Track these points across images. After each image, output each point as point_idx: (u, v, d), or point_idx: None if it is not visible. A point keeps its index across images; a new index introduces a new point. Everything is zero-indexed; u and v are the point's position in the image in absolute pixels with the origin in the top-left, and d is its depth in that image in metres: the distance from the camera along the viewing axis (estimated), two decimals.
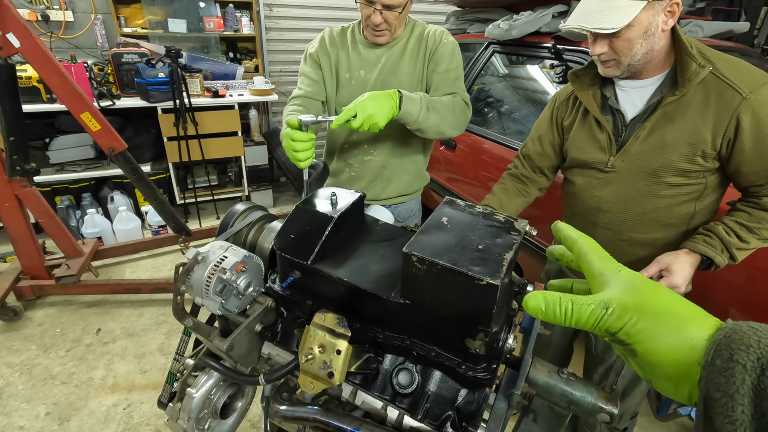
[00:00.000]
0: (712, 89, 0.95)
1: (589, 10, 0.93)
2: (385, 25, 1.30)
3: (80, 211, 3.38)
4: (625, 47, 0.93)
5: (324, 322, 0.64)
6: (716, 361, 0.28)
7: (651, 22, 0.90)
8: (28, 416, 1.90)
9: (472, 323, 0.58)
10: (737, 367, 0.27)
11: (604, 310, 0.34)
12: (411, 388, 0.65)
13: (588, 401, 0.61)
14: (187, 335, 0.91)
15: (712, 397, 0.28)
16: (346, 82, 1.42)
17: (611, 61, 0.98)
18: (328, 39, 1.42)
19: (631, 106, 1.08)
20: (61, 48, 3.48)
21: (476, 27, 2.98)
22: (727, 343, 0.28)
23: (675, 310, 0.33)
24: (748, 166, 0.98)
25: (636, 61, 0.97)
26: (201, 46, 3.95)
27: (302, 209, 0.75)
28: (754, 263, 1.35)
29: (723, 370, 0.28)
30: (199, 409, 0.80)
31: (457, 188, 2.66)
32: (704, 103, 0.95)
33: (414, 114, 1.20)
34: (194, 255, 0.71)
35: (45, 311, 2.56)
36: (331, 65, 1.42)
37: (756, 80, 0.93)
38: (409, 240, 0.59)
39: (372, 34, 1.34)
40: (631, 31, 0.90)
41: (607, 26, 0.89)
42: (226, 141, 3.60)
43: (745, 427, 0.26)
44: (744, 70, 0.95)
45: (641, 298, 0.34)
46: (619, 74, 1.02)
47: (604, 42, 0.94)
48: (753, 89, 0.91)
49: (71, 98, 2.11)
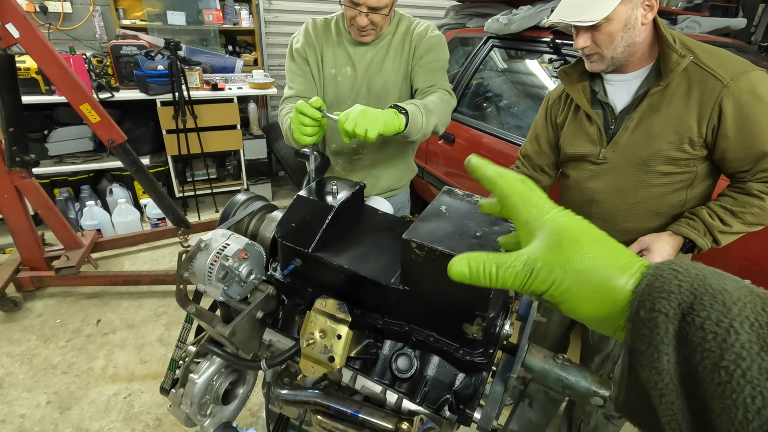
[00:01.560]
0: (695, 78, 0.98)
1: (570, 6, 0.98)
2: (371, 26, 1.26)
3: (79, 204, 3.38)
4: (607, 40, 0.97)
5: (325, 308, 0.65)
6: (640, 312, 0.28)
7: (630, 15, 0.94)
8: (29, 405, 1.91)
9: (469, 309, 0.59)
10: (660, 316, 0.26)
11: (528, 272, 0.32)
12: (410, 373, 0.67)
13: (582, 385, 0.63)
14: (189, 322, 0.93)
15: (637, 349, 0.28)
16: (332, 79, 1.38)
17: (595, 55, 1.03)
18: (312, 32, 1.37)
19: (619, 98, 1.11)
20: (59, 40, 3.46)
21: (475, 21, 2.98)
22: (649, 292, 0.28)
23: (599, 264, 0.31)
24: (732, 152, 1.01)
25: (618, 54, 1.00)
26: (200, 39, 3.94)
27: (303, 198, 0.77)
28: (747, 255, 1.38)
29: (647, 321, 0.27)
30: (202, 394, 0.81)
31: (456, 182, 2.67)
32: (688, 93, 0.99)
33: (419, 124, 1.15)
34: (197, 242, 0.72)
35: (44, 302, 2.57)
36: (317, 60, 1.37)
37: (737, 68, 0.96)
38: (408, 228, 0.60)
39: (357, 34, 1.30)
40: (611, 24, 0.94)
41: (587, 19, 0.93)
42: (225, 134, 3.60)
43: (671, 375, 0.26)
44: (725, 58, 0.98)
45: (565, 254, 0.32)
46: (604, 68, 1.06)
47: (587, 36, 0.99)
48: (734, 77, 0.94)
49: (71, 89, 2.11)
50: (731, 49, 2.24)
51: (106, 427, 1.83)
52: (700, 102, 0.98)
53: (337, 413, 0.66)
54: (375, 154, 1.46)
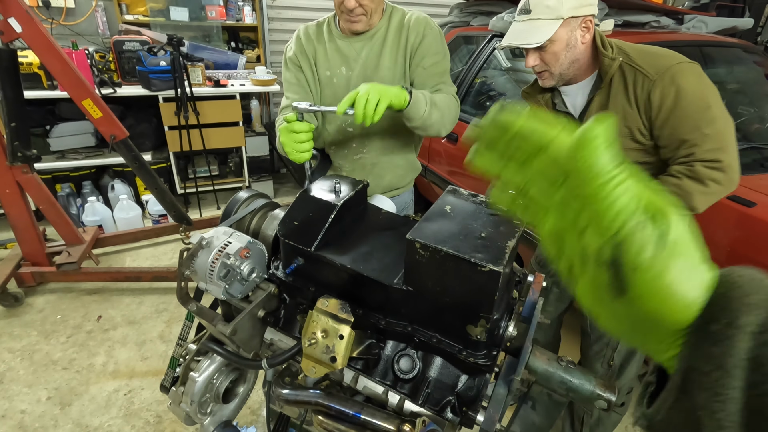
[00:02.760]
0: (629, 77, 1.10)
1: (518, 32, 1.12)
2: (360, 9, 1.21)
3: (81, 199, 3.38)
4: (553, 59, 1.11)
5: (327, 308, 0.64)
6: (711, 326, 0.23)
7: (570, 36, 1.09)
8: (30, 401, 1.91)
9: (473, 310, 0.59)
10: (738, 334, 0.21)
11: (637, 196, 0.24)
12: (412, 374, 0.66)
13: (586, 388, 0.63)
14: (190, 320, 0.92)
15: (699, 369, 0.23)
16: (328, 81, 1.35)
17: (545, 72, 1.16)
18: (303, 37, 1.34)
19: (575, 106, 1.25)
20: (62, 35, 3.46)
21: (480, 20, 2.97)
22: (727, 303, 0.22)
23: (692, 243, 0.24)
24: (662, 140, 1.11)
25: (565, 70, 1.14)
26: (203, 35, 3.93)
27: (306, 196, 0.76)
28: (754, 257, 1.37)
29: (719, 337, 0.22)
30: (202, 393, 0.81)
31: (459, 181, 2.66)
32: (626, 90, 1.11)
33: (421, 108, 1.14)
34: (199, 240, 0.72)
35: (45, 298, 2.57)
36: (311, 64, 1.34)
37: (663, 64, 1.06)
38: (412, 228, 0.60)
39: (347, 20, 1.24)
40: (554, 45, 1.08)
41: (533, 41, 1.08)
42: (227, 131, 3.59)
43: (736, 405, 0.21)
44: (655, 56, 1.09)
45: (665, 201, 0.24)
46: (555, 83, 1.18)
47: (536, 56, 1.12)
48: (659, 71, 1.06)
49: (73, 85, 2.11)
50: (737, 49, 2.23)
51: (107, 424, 1.83)
52: (636, 96, 1.10)
53: (338, 414, 0.65)
54: (376, 153, 1.43)
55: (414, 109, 1.13)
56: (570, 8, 1.05)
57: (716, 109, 1.05)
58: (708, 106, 1.05)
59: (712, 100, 1.05)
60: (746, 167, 1.67)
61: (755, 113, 2.03)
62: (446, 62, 1.32)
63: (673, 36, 2.21)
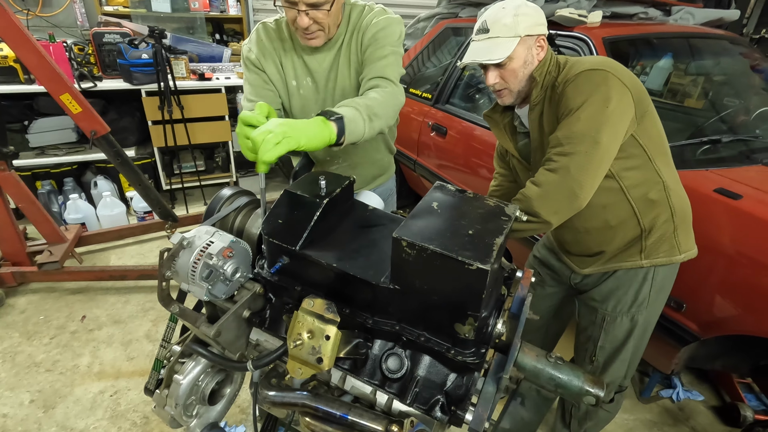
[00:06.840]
0: (554, 89, 1.15)
1: (478, 49, 1.15)
2: (315, 26, 1.11)
3: (62, 197, 3.30)
4: (512, 75, 1.15)
5: (313, 308, 0.63)
6: None
7: (527, 53, 1.14)
8: (12, 404, 1.87)
9: (461, 308, 0.58)
10: None
11: None
12: (400, 373, 0.65)
13: (575, 384, 0.62)
14: (174, 322, 0.90)
15: None
16: (295, 91, 1.28)
17: (504, 90, 1.18)
18: (265, 38, 1.24)
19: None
20: (38, 26, 3.35)
21: (468, 11, 2.94)
22: None
23: None
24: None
25: (523, 87, 1.17)
26: (186, 27, 3.84)
27: (290, 194, 0.74)
28: (741, 250, 1.38)
29: None
30: (187, 395, 0.79)
31: (448, 175, 2.65)
32: (554, 100, 1.14)
33: (359, 129, 0.99)
34: (179, 240, 0.70)
35: (27, 298, 2.50)
36: (278, 68, 1.25)
37: (572, 72, 1.09)
38: (399, 225, 0.58)
39: (303, 38, 1.15)
40: (513, 62, 1.12)
41: (494, 57, 1.11)
42: (213, 125, 3.53)
43: None
44: (574, 65, 1.12)
45: None
46: (513, 101, 1.21)
47: (495, 73, 1.15)
48: (563, 80, 1.10)
49: (50, 79, 2.03)
50: (723, 41, 2.24)
51: (92, 426, 1.80)
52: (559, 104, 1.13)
53: (326, 415, 0.64)
54: (351, 156, 1.42)
55: (352, 136, 0.97)
56: (525, 27, 1.10)
57: (588, 110, 1.04)
58: (580, 106, 1.05)
59: (590, 102, 1.04)
60: (732, 159, 1.69)
61: (741, 105, 2.05)
62: (391, 48, 1.19)
63: (660, 27, 2.21)
